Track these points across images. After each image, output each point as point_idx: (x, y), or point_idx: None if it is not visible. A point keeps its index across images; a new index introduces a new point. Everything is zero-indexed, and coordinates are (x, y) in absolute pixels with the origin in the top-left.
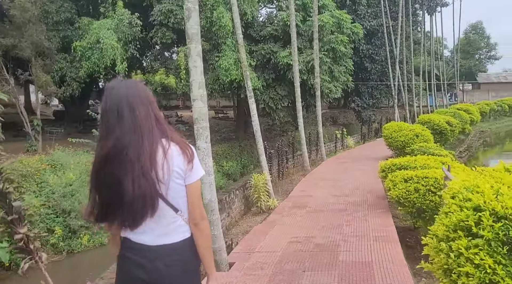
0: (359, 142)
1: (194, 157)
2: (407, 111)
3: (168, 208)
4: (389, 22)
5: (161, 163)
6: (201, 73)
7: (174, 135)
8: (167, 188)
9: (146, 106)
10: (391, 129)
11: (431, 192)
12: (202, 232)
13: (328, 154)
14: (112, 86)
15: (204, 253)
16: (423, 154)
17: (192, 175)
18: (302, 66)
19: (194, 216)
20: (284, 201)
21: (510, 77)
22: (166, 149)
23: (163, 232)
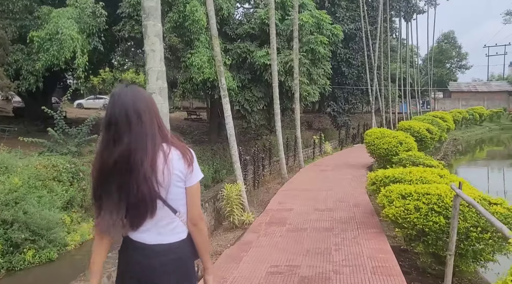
0: (337, 148)
1: (194, 160)
2: (383, 118)
3: (167, 210)
4: (367, 27)
5: (161, 168)
6: (161, 60)
7: (174, 140)
8: (167, 191)
9: (151, 112)
10: (373, 135)
11: (434, 211)
12: (201, 231)
13: (306, 160)
14: (119, 93)
15: (203, 251)
16: (413, 164)
17: (192, 177)
18: (280, 67)
19: (193, 216)
20: (261, 216)
21: (479, 87)
22: (167, 153)
23: (161, 232)
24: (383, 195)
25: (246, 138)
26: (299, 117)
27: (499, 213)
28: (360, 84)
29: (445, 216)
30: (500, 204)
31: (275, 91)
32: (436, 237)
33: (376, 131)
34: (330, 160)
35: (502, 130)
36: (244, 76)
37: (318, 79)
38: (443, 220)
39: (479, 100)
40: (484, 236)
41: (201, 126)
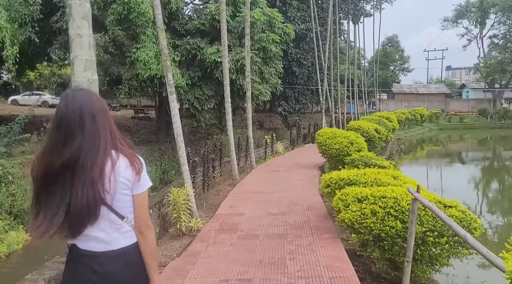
0: (288, 148)
1: (143, 169)
2: (333, 118)
3: (114, 216)
4: (317, 28)
5: (108, 174)
6: (91, 48)
7: (124, 147)
8: (113, 198)
9: (105, 117)
10: (325, 136)
11: (390, 215)
12: (147, 240)
13: (258, 161)
14: (73, 94)
15: (149, 261)
16: (365, 164)
17: (139, 186)
18: (231, 65)
19: (140, 225)
20: (210, 221)
21: (420, 89)
22: (115, 161)
23: (109, 238)
24: (338, 198)
25: (196, 138)
26: (251, 117)
27: (455, 216)
28: (310, 84)
29: (401, 220)
30: (455, 206)
31: (226, 89)
32: (393, 242)
33: (327, 131)
34: (282, 160)
35: (440, 131)
36: (194, 73)
37: (269, 78)
38: (400, 225)
39: (419, 102)
40: (441, 241)
41: (149, 125)
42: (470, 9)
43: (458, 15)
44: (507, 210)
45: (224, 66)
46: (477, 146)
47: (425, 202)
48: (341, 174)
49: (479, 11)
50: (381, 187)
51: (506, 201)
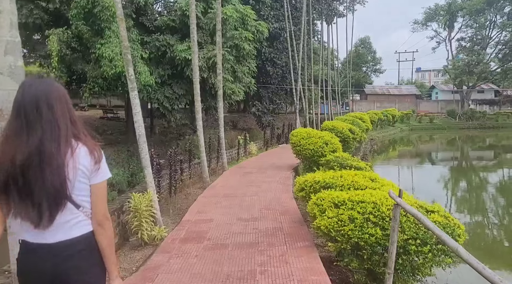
0: (262, 149)
1: (102, 159)
2: (307, 118)
3: (70, 205)
4: (291, 27)
5: (68, 162)
6: (13, 27)
7: (84, 136)
8: (73, 186)
9: (63, 105)
10: (299, 136)
11: (370, 222)
12: (106, 231)
13: (230, 162)
14: (30, 82)
15: (107, 253)
16: (341, 166)
17: (97, 175)
18: (202, 63)
19: (97, 216)
20: (175, 229)
21: (392, 90)
22: (74, 148)
23: (64, 228)
24: (313, 203)
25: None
26: (223, 116)
27: (438, 222)
28: (284, 84)
29: (381, 227)
30: (437, 211)
31: (196, 87)
32: (372, 251)
33: (302, 131)
34: (255, 161)
35: (411, 131)
36: (163, 71)
37: (243, 77)
38: (380, 232)
39: (391, 103)
40: (424, 249)
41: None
42: (439, 12)
43: (427, 18)
44: (474, 208)
45: (194, 63)
46: (446, 146)
47: (409, 209)
48: (316, 177)
49: (447, 14)
50: (359, 191)
51: (474, 200)
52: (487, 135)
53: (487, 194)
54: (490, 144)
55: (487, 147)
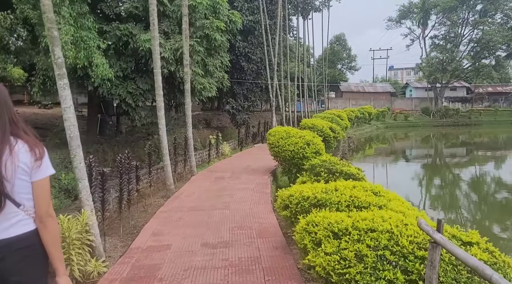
0: (236, 149)
1: (44, 155)
2: (283, 116)
3: (10, 203)
4: (266, 21)
5: (5, 160)
6: None
7: (25, 134)
8: (12, 184)
9: (2, 105)
10: (277, 135)
11: (385, 261)
12: (48, 228)
13: (200, 165)
14: None
15: (51, 250)
16: (329, 172)
17: (39, 172)
18: (169, 55)
19: (39, 213)
20: (119, 263)
21: (367, 87)
22: (12, 146)
23: (2, 227)
24: (303, 229)
25: (134, 138)
26: (193, 114)
27: (483, 260)
28: (259, 81)
29: (403, 269)
30: (476, 243)
31: (157, 79)
32: None
33: (280, 130)
34: (228, 163)
35: (387, 129)
36: (126, 64)
37: (214, 71)
38: (401, 277)
39: (366, 100)
40: None
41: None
42: (413, 10)
43: (401, 15)
44: (448, 205)
45: (154, 50)
46: (422, 144)
47: (461, 254)
48: (304, 191)
49: (421, 12)
50: (364, 212)
51: (448, 196)
52: (460, 132)
53: (461, 190)
54: (464, 141)
55: (461, 144)
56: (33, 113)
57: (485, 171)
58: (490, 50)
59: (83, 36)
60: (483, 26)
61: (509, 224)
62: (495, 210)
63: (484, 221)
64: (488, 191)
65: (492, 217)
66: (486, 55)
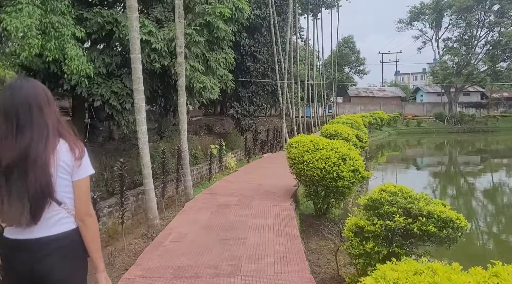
0: (242, 160)
1: (84, 155)
2: (293, 122)
3: (52, 202)
4: (275, 17)
5: (51, 159)
6: None
7: (68, 134)
8: (55, 182)
9: (51, 107)
10: (301, 147)
11: None
12: (88, 227)
13: (199, 183)
14: (20, 85)
15: (91, 248)
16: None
17: (79, 171)
18: (161, 46)
19: (80, 212)
20: None
21: (376, 92)
22: (55, 145)
23: (46, 225)
24: None
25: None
26: (186, 117)
27: None
28: (266, 83)
29: None
30: None
31: (135, 72)
32: None
33: (304, 140)
34: (234, 181)
35: (399, 135)
36: (110, 58)
37: (217, 68)
38: None
39: (375, 105)
40: None
41: None
42: (425, 11)
43: (412, 17)
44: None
45: (132, 27)
46: (437, 151)
47: None
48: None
49: (434, 13)
50: None
51: (471, 208)
52: (477, 139)
53: (481, 202)
54: (481, 149)
55: (479, 152)
56: None
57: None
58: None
59: (54, 22)
60: (500, 27)
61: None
62: None
63: (503, 234)
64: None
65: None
66: (504, 58)
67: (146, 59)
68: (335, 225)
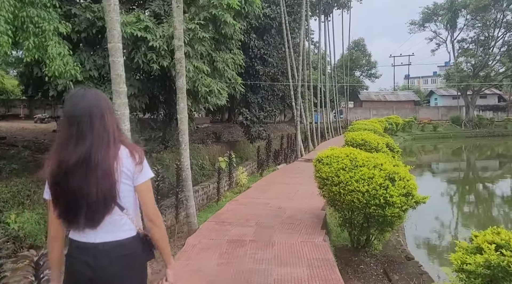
0: (255, 173)
1: (143, 159)
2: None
3: (115, 207)
4: (286, 17)
5: (115, 165)
6: None
7: (125, 139)
8: (118, 188)
9: (112, 115)
10: (335, 164)
11: None
12: (159, 227)
13: (205, 206)
14: (83, 93)
15: (162, 245)
16: None
17: (140, 176)
18: (160, 44)
19: (148, 213)
20: None
21: (388, 96)
22: (117, 151)
23: (108, 230)
24: None
25: None
26: (187, 128)
27: None
28: (275, 87)
29: None
30: None
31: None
32: None
33: (339, 154)
34: (247, 203)
35: (414, 141)
36: (102, 60)
37: (225, 69)
38: None
39: (388, 110)
40: None
41: None
42: (438, 11)
43: (425, 18)
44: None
45: (109, 5)
46: (460, 158)
47: None
48: None
49: (449, 13)
50: None
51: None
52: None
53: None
54: (506, 154)
55: (505, 157)
56: (21, 128)
57: None
58: None
59: (33, 16)
60: None
61: None
62: None
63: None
64: None
65: None
66: None
67: (142, 59)
68: (378, 262)
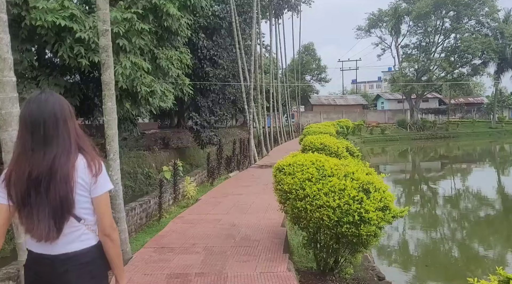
0: (205, 183)
1: (101, 171)
2: (260, 133)
3: (71, 218)
4: (236, 17)
5: (72, 174)
6: None
7: (88, 148)
8: (74, 198)
9: (73, 120)
10: (299, 174)
11: None
12: (113, 241)
13: (144, 226)
14: (45, 98)
15: (116, 261)
16: None
17: (97, 188)
18: (90, 35)
19: (103, 227)
20: None
21: (338, 100)
22: (75, 160)
23: (65, 241)
24: None
25: None
26: (117, 137)
27: None
28: (226, 91)
29: None
30: None
31: None
32: None
33: (303, 161)
34: (195, 221)
35: (364, 144)
36: (19, 55)
37: (169, 67)
38: None
39: (338, 114)
40: None
41: None
42: (383, 18)
43: (370, 24)
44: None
45: None
46: (401, 159)
47: None
48: None
49: (393, 19)
50: None
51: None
52: (439, 145)
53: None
54: (447, 155)
55: (443, 158)
56: None
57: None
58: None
59: None
60: (456, 33)
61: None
62: (476, 227)
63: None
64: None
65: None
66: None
67: (68, 53)
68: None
